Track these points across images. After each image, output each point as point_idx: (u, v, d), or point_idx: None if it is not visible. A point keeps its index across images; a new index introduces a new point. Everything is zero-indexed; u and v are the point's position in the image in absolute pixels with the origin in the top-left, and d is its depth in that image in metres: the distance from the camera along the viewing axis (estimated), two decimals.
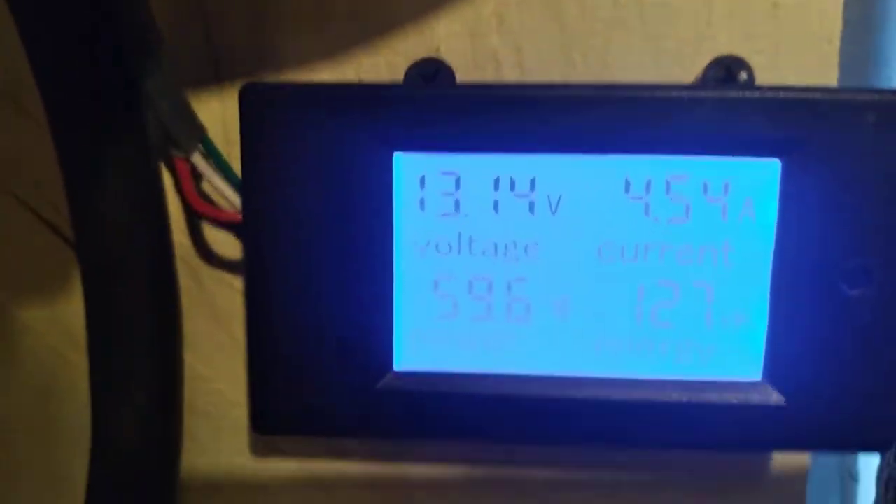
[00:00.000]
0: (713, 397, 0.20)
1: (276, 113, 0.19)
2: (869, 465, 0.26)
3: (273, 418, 0.21)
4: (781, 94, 0.18)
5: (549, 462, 0.25)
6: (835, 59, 0.21)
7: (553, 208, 0.20)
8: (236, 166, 0.21)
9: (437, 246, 0.20)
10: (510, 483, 0.25)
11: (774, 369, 0.20)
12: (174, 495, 0.26)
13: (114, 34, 0.20)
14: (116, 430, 0.24)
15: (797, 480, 0.24)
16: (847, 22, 0.21)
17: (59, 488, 0.26)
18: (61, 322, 0.25)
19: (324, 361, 0.21)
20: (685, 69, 0.22)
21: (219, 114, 0.23)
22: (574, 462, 0.25)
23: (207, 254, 0.25)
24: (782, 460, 0.24)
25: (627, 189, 0.19)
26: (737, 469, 0.24)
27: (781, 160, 0.19)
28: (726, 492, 0.25)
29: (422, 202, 0.20)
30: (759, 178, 0.19)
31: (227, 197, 0.22)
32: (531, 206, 0.20)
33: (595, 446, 0.22)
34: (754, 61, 0.21)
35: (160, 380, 0.24)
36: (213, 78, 0.23)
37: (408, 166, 0.20)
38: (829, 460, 0.29)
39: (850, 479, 0.28)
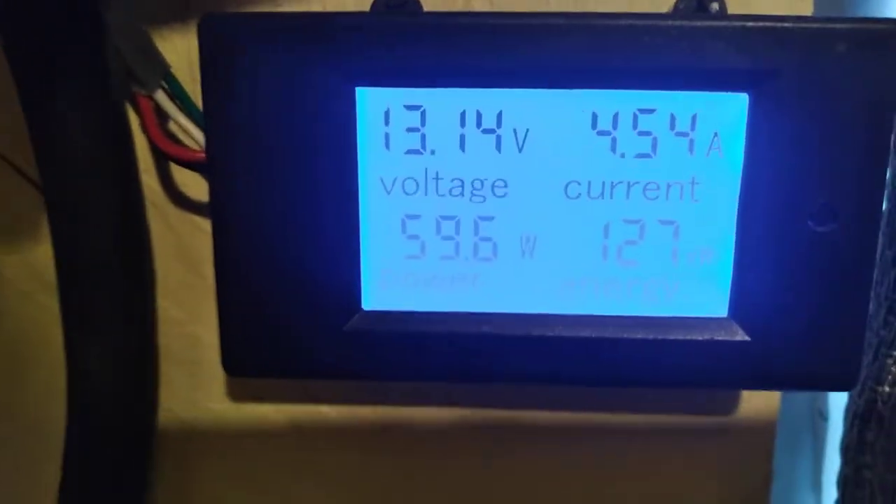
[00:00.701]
0: (679, 334, 0.20)
1: (235, 44, 0.19)
2: (838, 404, 0.26)
3: (244, 359, 0.21)
4: (749, 24, 0.18)
5: (522, 402, 0.25)
6: None
7: (520, 145, 0.19)
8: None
9: (402, 184, 0.20)
10: (486, 425, 0.25)
11: (740, 306, 0.20)
12: (151, 438, 0.26)
13: None
14: (92, 374, 0.24)
15: (767, 420, 0.25)
16: None
17: (35, 432, 0.26)
18: (31, 266, 0.25)
19: (292, 301, 0.20)
20: (656, 3, 0.21)
21: (184, 51, 0.23)
22: (541, 402, 0.25)
23: (177, 196, 0.24)
24: (753, 400, 0.24)
25: (594, 124, 0.19)
26: (707, 409, 0.25)
27: (749, 94, 0.18)
28: (696, 432, 0.25)
29: (386, 138, 0.20)
30: (727, 112, 0.19)
31: (193, 136, 0.22)
32: (497, 143, 0.20)
33: (562, 384, 0.22)
34: None
35: (133, 322, 0.24)
36: (180, 14, 0.23)
37: (371, 101, 0.19)
38: (800, 400, 0.29)
39: (819, 418, 0.28)
